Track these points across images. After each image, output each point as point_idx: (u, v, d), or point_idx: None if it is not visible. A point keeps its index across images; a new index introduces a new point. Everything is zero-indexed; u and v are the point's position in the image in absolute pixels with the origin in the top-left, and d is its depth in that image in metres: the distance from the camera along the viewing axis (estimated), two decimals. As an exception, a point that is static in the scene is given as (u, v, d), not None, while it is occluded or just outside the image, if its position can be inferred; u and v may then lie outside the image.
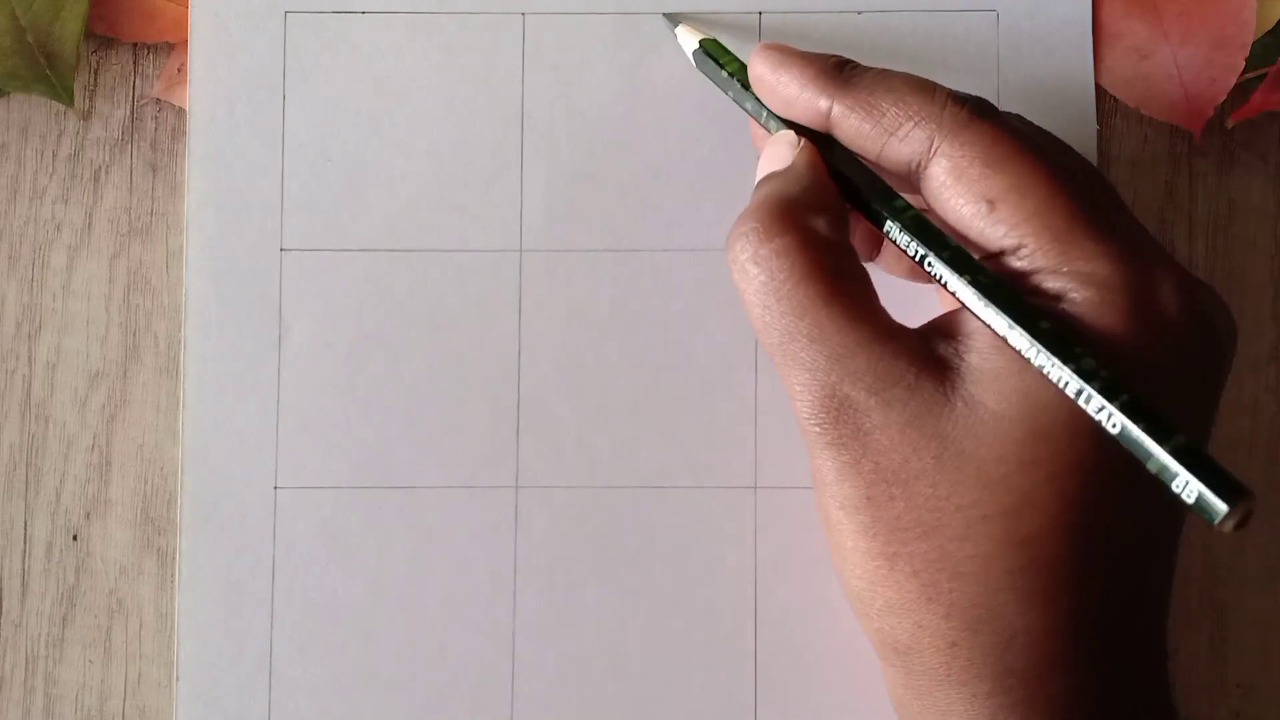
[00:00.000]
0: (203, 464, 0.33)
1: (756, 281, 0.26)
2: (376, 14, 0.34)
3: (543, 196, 0.34)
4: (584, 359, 0.34)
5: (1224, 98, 0.34)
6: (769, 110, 0.30)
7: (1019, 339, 0.24)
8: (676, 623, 0.33)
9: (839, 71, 0.28)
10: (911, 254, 0.26)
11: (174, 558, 0.34)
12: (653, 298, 0.34)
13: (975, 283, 0.25)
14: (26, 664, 0.34)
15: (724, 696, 0.33)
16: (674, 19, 0.34)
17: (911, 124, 0.26)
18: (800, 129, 0.29)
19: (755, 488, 0.33)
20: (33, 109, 0.35)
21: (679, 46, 0.34)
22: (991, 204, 0.25)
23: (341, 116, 0.34)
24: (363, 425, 0.34)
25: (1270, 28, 0.34)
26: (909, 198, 0.27)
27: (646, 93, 0.34)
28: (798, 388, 0.26)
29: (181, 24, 0.35)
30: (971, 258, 0.25)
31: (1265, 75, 0.34)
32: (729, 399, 0.34)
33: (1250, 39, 0.34)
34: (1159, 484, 0.22)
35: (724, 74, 0.31)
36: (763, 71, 0.29)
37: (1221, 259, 0.35)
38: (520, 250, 0.34)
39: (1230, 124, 0.35)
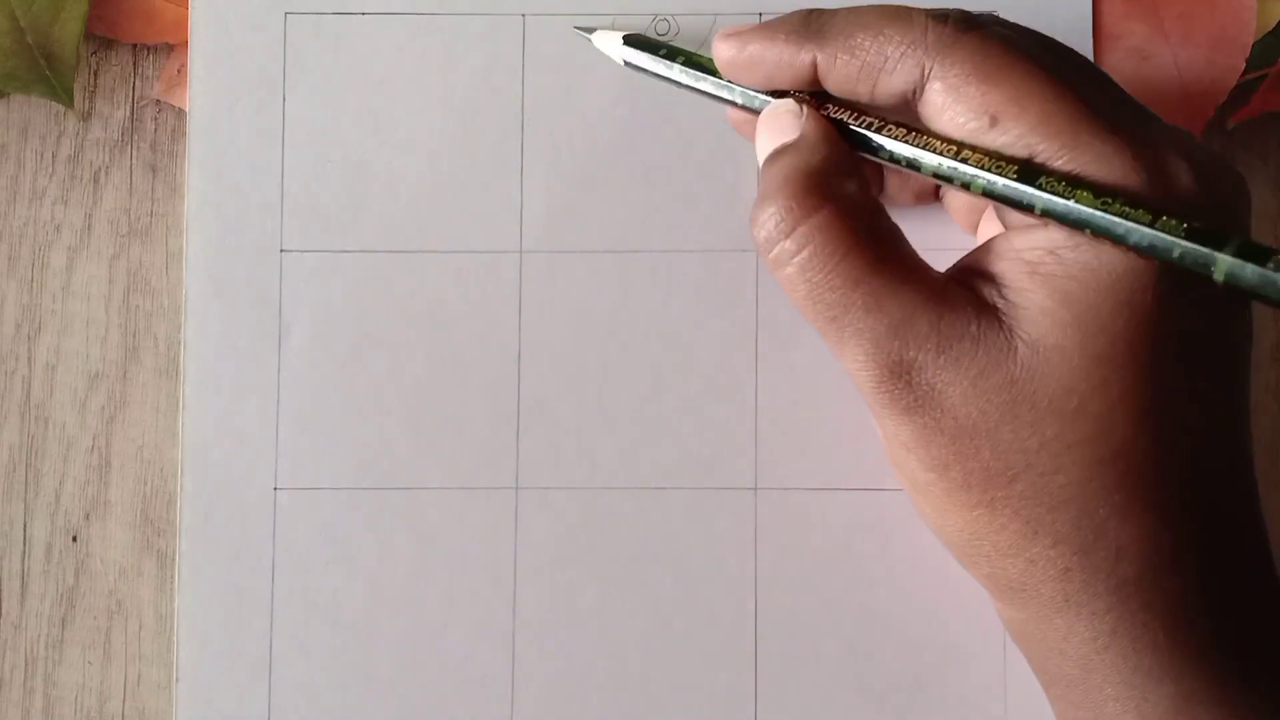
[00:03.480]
0: (202, 465, 0.33)
1: (798, 261, 0.26)
2: (377, 15, 0.34)
3: (543, 197, 0.34)
4: (584, 360, 0.34)
5: (1224, 99, 0.34)
6: (741, 92, 0.29)
7: (1089, 213, 0.24)
8: (676, 624, 0.33)
9: (809, 23, 0.27)
10: (944, 177, 0.26)
11: (174, 559, 0.34)
12: (653, 299, 0.34)
13: (1027, 172, 0.24)
14: (26, 665, 0.34)
15: (724, 697, 0.33)
16: (585, 30, 0.33)
17: (898, 54, 0.26)
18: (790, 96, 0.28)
19: (755, 489, 0.33)
20: (32, 110, 0.35)
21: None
22: (994, 119, 0.25)
23: (341, 117, 0.34)
24: (363, 426, 0.34)
25: (1270, 28, 0.34)
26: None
27: (646, 94, 0.34)
28: (860, 360, 0.26)
29: (181, 25, 0.35)
30: (1010, 157, 0.25)
31: (1265, 76, 0.34)
32: (729, 400, 0.34)
33: (1250, 40, 0.34)
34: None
35: (668, 62, 0.30)
36: (731, 52, 0.28)
37: (1222, 260, 0.35)
38: (520, 251, 0.34)
39: (1231, 125, 0.35)
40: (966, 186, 0.25)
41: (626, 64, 0.32)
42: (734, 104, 0.30)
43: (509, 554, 0.33)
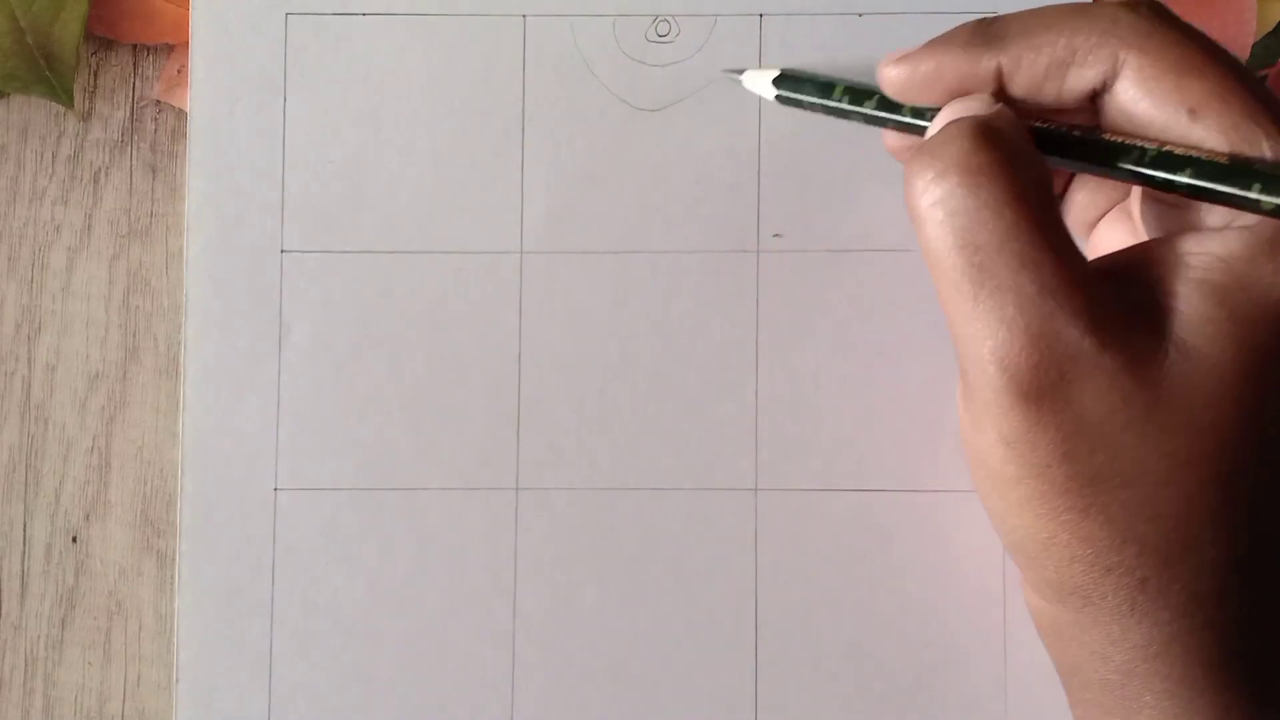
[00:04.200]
0: (202, 465, 0.33)
1: (959, 194, 0.24)
2: (377, 16, 0.34)
3: (543, 198, 0.34)
4: (584, 360, 0.34)
5: (1224, 99, 0.34)
6: (911, 109, 0.28)
7: None
8: (677, 624, 0.33)
9: (984, 29, 0.26)
10: (1162, 184, 0.24)
11: (174, 559, 0.34)
12: (653, 299, 0.34)
13: (1263, 176, 0.23)
14: (26, 665, 0.34)
15: (724, 697, 0.33)
16: (735, 71, 0.33)
17: (1088, 45, 0.25)
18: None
19: (756, 490, 0.33)
20: (32, 110, 0.35)
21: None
22: (1193, 111, 0.24)
23: (342, 118, 0.34)
24: (363, 427, 0.34)
25: (1270, 28, 0.34)
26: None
27: (647, 94, 0.34)
28: (995, 322, 0.23)
29: (181, 25, 0.35)
30: (1223, 163, 0.24)
31: (1265, 77, 0.34)
32: (730, 400, 0.34)
33: (1250, 40, 0.34)
34: None
35: (828, 98, 0.30)
36: (904, 74, 0.27)
37: (1221, 260, 0.35)
38: (521, 252, 0.34)
39: (1230, 125, 0.35)
40: (1168, 184, 0.24)
41: (779, 99, 0.32)
42: (902, 125, 0.29)
43: (509, 554, 0.33)
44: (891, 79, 0.27)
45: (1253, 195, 0.23)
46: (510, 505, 0.34)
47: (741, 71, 0.33)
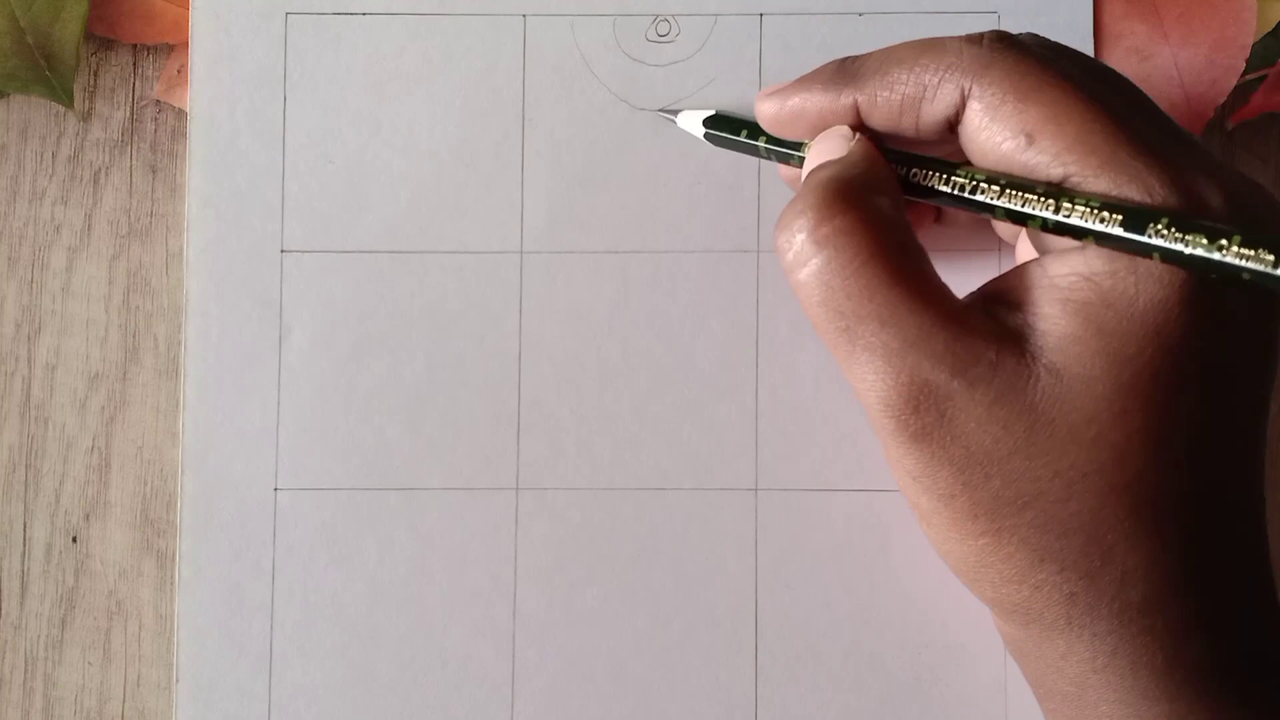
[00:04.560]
0: (203, 466, 0.33)
1: (814, 264, 0.25)
2: (377, 15, 0.34)
3: (544, 198, 0.34)
4: (584, 361, 0.34)
5: (1224, 99, 0.34)
6: (791, 148, 0.29)
7: (1171, 246, 0.23)
8: (677, 624, 0.33)
9: (844, 68, 0.28)
10: (1005, 210, 0.25)
11: (174, 559, 0.34)
12: (653, 299, 0.34)
13: (1101, 205, 0.24)
14: (26, 665, 0.34)
15: (724, 697, 0.33)
16: (670, 112, 0.34)
17: (935, 80, 0.26)
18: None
19: (756, 490, 0.33)
20: (32, 110, 0.35)
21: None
22: (1030, 137, 0.25)
23: (342, 118, 0.34)
24: (363, 427, 0.34)
25: (1270, 29, 0.34)
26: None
27: (647, 94, 0.34)
28: (870, 378, 0.25)
29: (181, 25, 0.35)
30: (1068, 189, 0.25)
31: (1265, 77, 0.34)
32: (730, 401, 0.34)
33: (1250, 40, 0.34)
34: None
35: (742, 137, 0.31)
36: (773, 109, 0.29)
37: (1221, 260, 0.35)
38: (521, 252, 0.34)
39: (1230, 126, 0.35)
40: (1019, 219, 0.25)
41: (707, 136, 0.33)
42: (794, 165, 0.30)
43: (509, 555, 0.33)
44: (763, 113, 0.29)
45: (1085, 225, 0.24)
46: (510, 505, 0.34)
47: (676, 113, 0.34)
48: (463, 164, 0.34)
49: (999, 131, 0.25)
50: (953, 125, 0.26)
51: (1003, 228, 0.31)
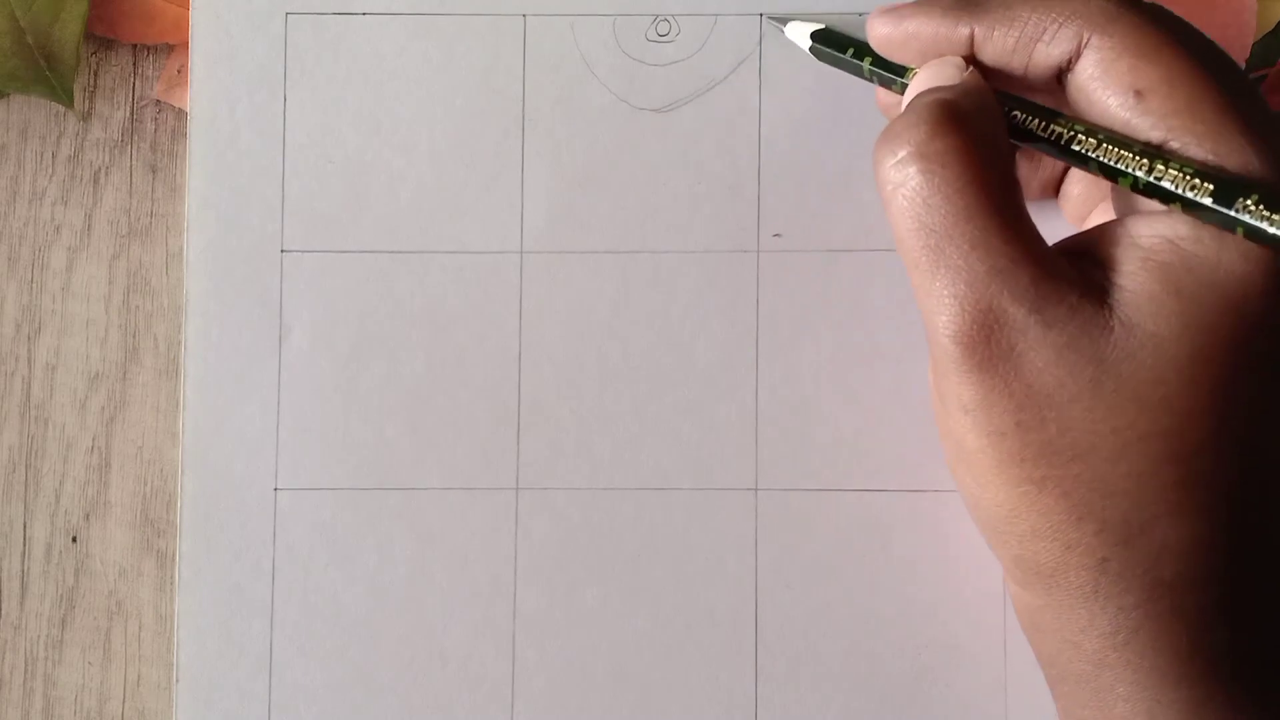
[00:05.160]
0: (203, 466, 0.33)
1: (917, 179, 0.25)
2: (377, 15, 0.34)
3: (544, 198, 0.34)
4: (584, 361, 0.34)
5: (1224, 99, 0.34)
6: (896, 73, 0.30)
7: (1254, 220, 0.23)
8: (677, 624, 0.33)
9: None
10: (1100, 164, 0.25)
11: (174, 559, 0.34)
12: (653, 299, 0.34)
13: (1195, 173, 0.24)
14: (26, 666, 0.34)
15: (724, 697, 0.33)
16: (780, 20, 0.34)
17: (1057, 24, 0.26)
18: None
19: (756, 489, 0.33)
20: (32, 110, 0.35)
21: (787, 42, 0.34)
22: (1140, 95, 0.25)
23: (342, 118, 0.34)
24: (363, 427, 0.34)
25: (1270, 28, 0.34)
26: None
27: (647, 94, 0.34)
28: (948, 299, 0.25)
29: (181, 25, 0.35)
30: (1165, 152, 0.25)
31: (1265, 77, 0.34)
32: (730, 400, 0.34)
33: (1250, 40, 0.34)
34: None
35: (848, 55, 0.31)
36: (887, 29, 0.29)
37: (1221, 260, 0.35)
38: (521, 252, 0.34)
39: (1230, 125, 0.35)
40: (1111, 174, 0.25)
41: (812, 50, 0.33)
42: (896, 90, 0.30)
43: (509, 555, 0.33)
44: (875, 32, 0.29)
45: (1175, 190, 0.24)
46: (510, 505, 0.34)
47: (785, 21, 0.33)
48: (463, 164, 0.34)
49: (1110, 85, 0.25)
50: (1061, 72, 0.26)
51: (1074, 200, 0.31)
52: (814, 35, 0.32)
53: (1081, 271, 0.25)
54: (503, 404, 0.34)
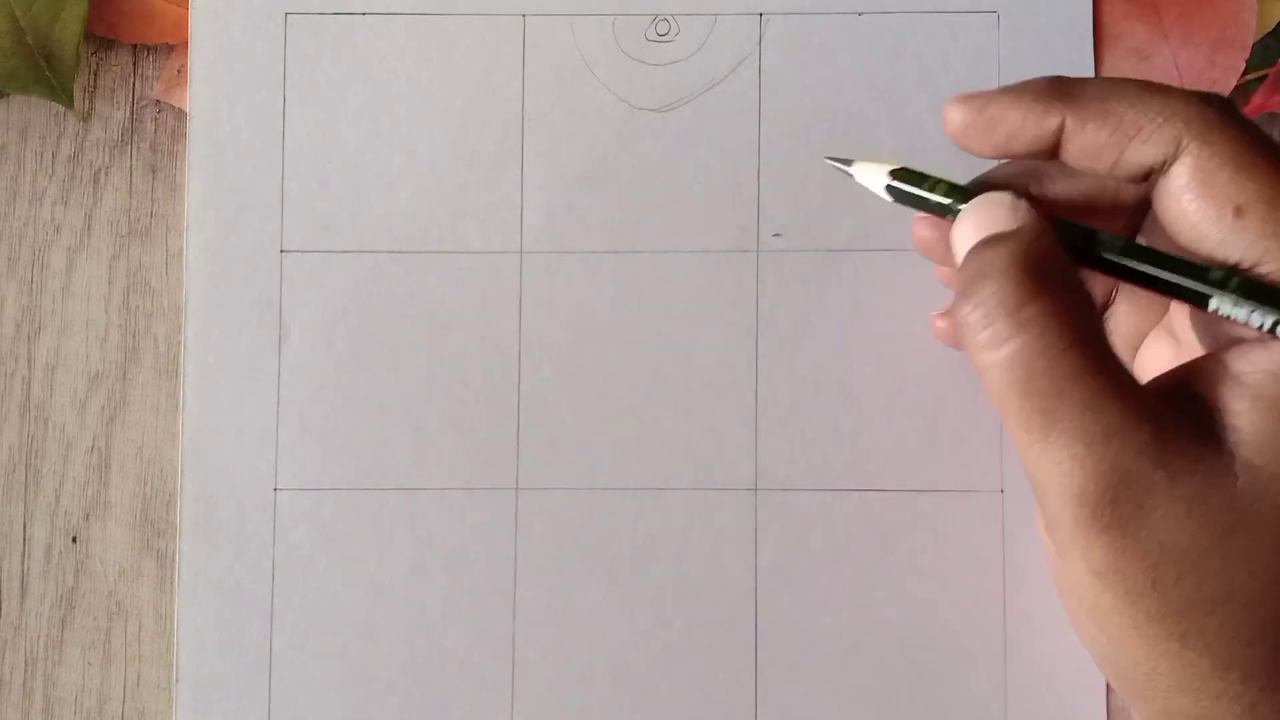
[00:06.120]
0: (202, 466, 0.33)
1: (1014, 346, 0.24)
2: (377, 15, 0.34)
3: (543, 198, 0.34)
4: (584, 360, 0.34)
5: (1224, 99, 0.34)
6: (957, 196, 0.27)
7: None
8: (676, 624, 0.33)
9: (1060, 86, 0.26)
10: (1242, 320, 0.24)
11: (173, 560, 0.34)
12: (653, 299, 0.34)
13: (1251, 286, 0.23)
14: (26, 666, 0.34)
15: (724, 697, 0.33)
16: (844, 162, 0.29)
17: (1154, 125, 0.25)
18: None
19: (755, 489, 0.33)
20: (32, 110, 0.35)
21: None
22: (1239, 210, 0.24)
23: (342, 118, 0.34)
24: (363, 427, 0.34)
25: (1270, 29, 0.34)
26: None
27: (647, 94, 0.34)
28: (1067, 464, 0.24)
29: (181, 25, 0.35)
30: (1251, 277, 0.24)
31: (1265, 77, 0.34)
32: (729, 400, 0.34)
33: (1250, 40, 0.34)
34: None
35: (929, 197, 0.27)
36: (969, 115, 0.26)
37: (1222, 260, 0.35)
38: (520, 252, 0.34)
39: (1230, 125, 0.35)
40: (1196, 300, 0.24)
41: (889, 189, 0.29)
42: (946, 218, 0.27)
43: (509, 555, 0.33)
44: (951, 119, 0.27)
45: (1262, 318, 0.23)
46: (510, 505, 0.34)
47: (850, 163, 0.29)
48: (462, 164, 0.34)
49: (1208, 197, 0.24)
50: (1149, 176, 0.25)
51: (1122, 333, 0.30)
52: (893, 174, 0.28)
53: (1190, 416, 0.24)
54: (502, 404, 0.34)
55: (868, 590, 0.33)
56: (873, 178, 0.29)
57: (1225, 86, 0.34)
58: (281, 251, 0.34)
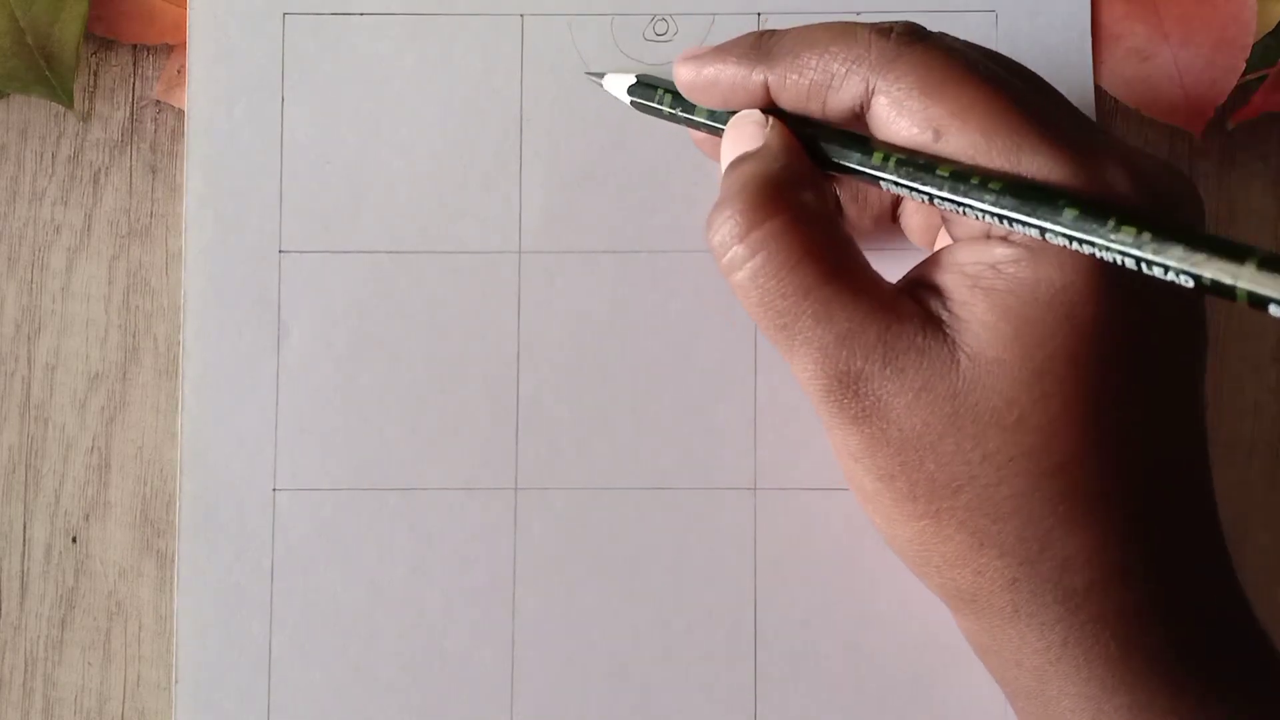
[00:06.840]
0: (202, 466, 0.33)
1: (750, 267, 0.26)
2: (375, 15, 0.34)
3: (542, 198, 0.34)
4: (583, 360, 0.34)
5: (1224, 99, 0.34)
6: (711, 116, 0.29)
7: (1064, 236, 0.23)
8: (676, 624, 0.33)
9: (759, 44, 0.28)
10: (908, 190, 0.25)
11: (173, 560, 0.34)
12: (652, 299, 0.34)
13: (1006, 189, 0.24)
14: (26, 666, 0.34)
15: (724, 697, 0.33)
16: (598, 75, 0.32)
17: (843, 71, 0.26)
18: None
19: (755, 489, 0.33)
20: (32, 110, 0.35)
21: (612, 98, 0.33)
22: (937, 132, 0.25)
23: (340, 118, 0.34)
24: (362, 427, 0.34)
25: (1271, 29, 0.34)
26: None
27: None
28: (809, 369, 0.26)
29: (181, 25, 0.35)
30: (975, 168, 0.25)
31: (1266, 77, 0.34)
32: (729, 400, 0.34)
33: (1250, 40, 0.34)
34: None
35: (664, 104, 0.30)
36: (690, 75, 0.29)
37: (1222, 260, 0.35)
38: (519, 251, 0.34)
39: (1231, 126, 0.35)
40: (929, 198, 0.25)
41: (633, 104, 0.32)
42: (716, 130, 0.29)
43: (508, 555, 0.33)
44: (679, 78, 0.29)
45: (979, 205, 0.24)
46: (510, 505, 0.34)
47: (603, 75, 0.32)
48: (461, 164, 0.34)
49: (906, 126, 0.25)
50: (859, 115, 0.26)
51: (916, 229, 0.31)
52: (631, 88, 0.31)
53: (925, 305, 0.26)
54: (501, 404, 0.34)
55: (868, 590, 0.33)
56: (619, 87, 0.32)
57: (1225, 87, 0.34)
58: (280, 252, 0.34)
